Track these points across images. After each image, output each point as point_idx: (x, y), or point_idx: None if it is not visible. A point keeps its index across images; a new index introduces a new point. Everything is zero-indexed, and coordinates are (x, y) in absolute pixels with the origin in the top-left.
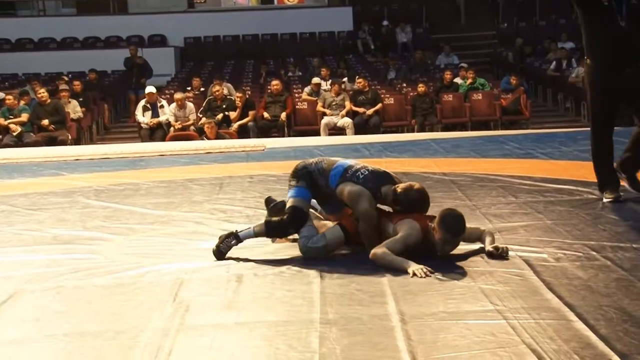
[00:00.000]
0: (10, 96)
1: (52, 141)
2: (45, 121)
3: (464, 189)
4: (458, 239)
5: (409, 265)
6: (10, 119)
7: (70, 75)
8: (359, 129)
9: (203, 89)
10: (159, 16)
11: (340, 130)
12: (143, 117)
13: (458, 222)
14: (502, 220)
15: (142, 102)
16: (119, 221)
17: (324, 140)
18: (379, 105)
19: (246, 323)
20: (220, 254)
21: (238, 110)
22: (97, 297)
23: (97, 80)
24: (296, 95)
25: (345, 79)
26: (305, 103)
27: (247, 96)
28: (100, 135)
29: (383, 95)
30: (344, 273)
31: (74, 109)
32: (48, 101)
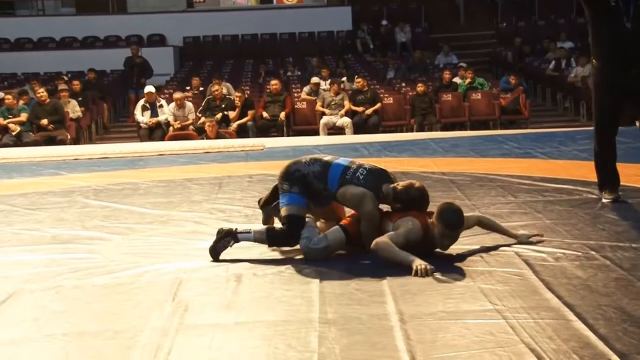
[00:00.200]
0: (9, 96)
1: (51, 141)
2: (45, 121)
3: (463, 188)
4: (457, 233)
5: (413, 259)
6: (9, 118)
7: (69, 75)
8: (358, 129)
9: (202, 89)
10: (158, 16)
11: (339, 130)
12: (142, 117)
13: (456, 216)
14: (501, 220)
15: (141, 102)
16: (118, 221)
17: (323, 139)
18: (378, 105)
19: (245, 323)
20: (216, 254)
21: (237, 109)
22: (96, 297)
23: (96, 80)
24: (295, 94)
25: (344, 79)
26: (305, 103)
27: (246, 96)
28: (99, 135)
29: (382, 95)
30: (343, 273)
31: (73, 109)
32: (47, 101)
